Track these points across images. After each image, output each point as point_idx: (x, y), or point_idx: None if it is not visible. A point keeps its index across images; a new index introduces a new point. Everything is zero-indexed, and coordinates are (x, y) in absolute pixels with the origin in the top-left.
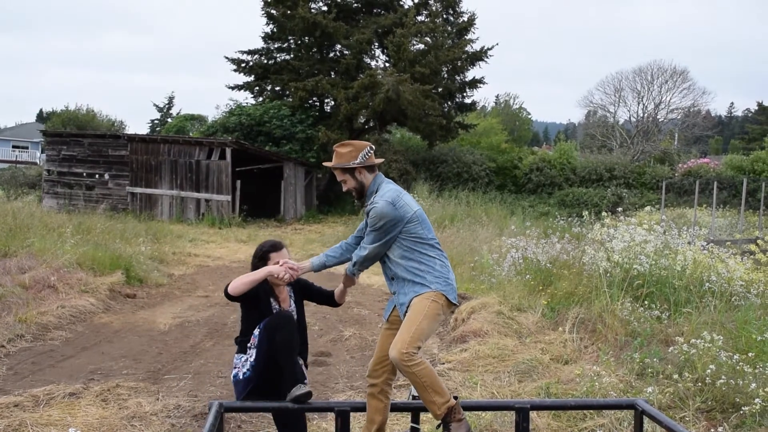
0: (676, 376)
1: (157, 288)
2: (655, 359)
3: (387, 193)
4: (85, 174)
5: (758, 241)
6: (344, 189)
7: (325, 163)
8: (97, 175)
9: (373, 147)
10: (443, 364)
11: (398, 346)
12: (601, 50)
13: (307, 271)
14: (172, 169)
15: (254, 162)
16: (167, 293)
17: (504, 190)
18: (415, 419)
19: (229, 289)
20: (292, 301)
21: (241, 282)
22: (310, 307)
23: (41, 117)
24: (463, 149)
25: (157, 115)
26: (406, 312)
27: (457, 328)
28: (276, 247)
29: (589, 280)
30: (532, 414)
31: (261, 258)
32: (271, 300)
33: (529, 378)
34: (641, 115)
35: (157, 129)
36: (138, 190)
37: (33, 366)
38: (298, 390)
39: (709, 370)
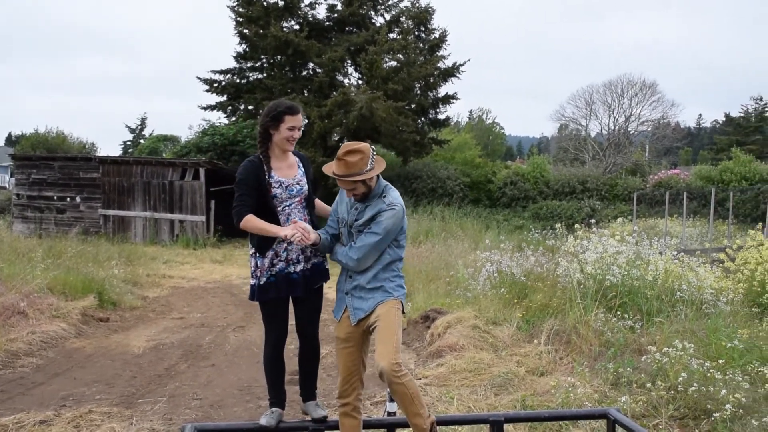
0: (649, 385)
1: (131, 311)
2: (628, 369)
3: (399, 198)
4: (56, 197)
5: (727, 250)
6: (349, 195)
7: (328, 171)
8: (68, 199)
9: (373, 146)
10: (420, 379)
11: (387, 357)
12: (571, 65)
13: (313, 243)
14: (145, 191)
15: (228, 182)
16: (141, 316)
17: (479, 204)
18: None
19: (241, 225)
20: (300, 173)
21: (253, 227)
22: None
23: (10, 140)
24: (437, 165)
25: (130, 137)
26: (362, 319)
27: (433, 342)
28: (293, 110)
29: (563, 292)
30: (509, 427)
31: (275, 118)
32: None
33: (506, 391)
34: (612, 127)
35: (130, 150)
36: (111, 212)
37: (2, 394)
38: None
39: (681, 378)
